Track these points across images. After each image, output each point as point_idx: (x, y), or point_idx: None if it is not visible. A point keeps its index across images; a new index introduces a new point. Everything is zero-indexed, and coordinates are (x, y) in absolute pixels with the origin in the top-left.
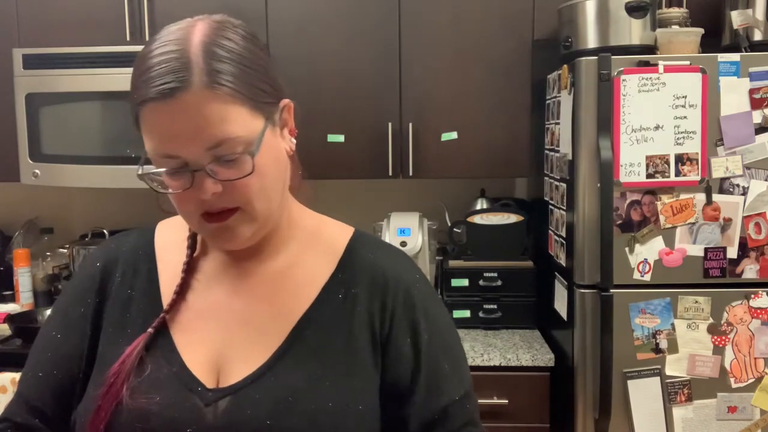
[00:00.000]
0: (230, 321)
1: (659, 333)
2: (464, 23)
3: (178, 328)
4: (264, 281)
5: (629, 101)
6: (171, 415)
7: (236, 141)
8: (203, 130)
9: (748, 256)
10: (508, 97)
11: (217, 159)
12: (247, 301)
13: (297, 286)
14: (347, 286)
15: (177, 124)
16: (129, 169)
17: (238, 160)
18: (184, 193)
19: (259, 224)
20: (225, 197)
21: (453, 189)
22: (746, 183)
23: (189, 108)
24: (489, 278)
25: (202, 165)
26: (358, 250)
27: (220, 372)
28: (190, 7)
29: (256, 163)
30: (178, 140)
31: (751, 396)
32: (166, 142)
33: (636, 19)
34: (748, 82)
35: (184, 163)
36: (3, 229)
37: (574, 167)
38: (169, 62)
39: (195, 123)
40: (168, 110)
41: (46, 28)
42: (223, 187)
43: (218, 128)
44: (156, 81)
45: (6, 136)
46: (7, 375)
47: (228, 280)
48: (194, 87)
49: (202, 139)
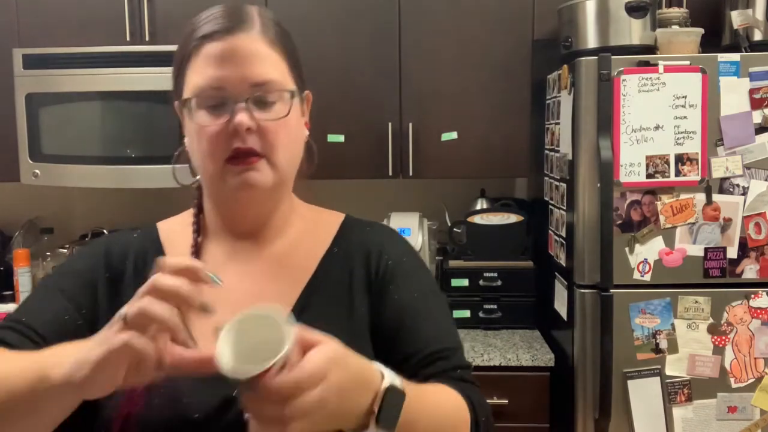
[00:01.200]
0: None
1: (659, 333)
2: (464, 23)
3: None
4: (268, 262)
5: (629, 101)
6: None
7: (277, 86)
8: (252, 68)
9: (748, 256)
10: (508, 97)
11: (257, 99)
12: (255, 282)
13: (298, 263)
14: (343, 258)
15: (230, 58)
16: (129, 169)
17: (274, 105)
18: (218, 131)
19: (279, 177)
20: (255, 138)
21: (453, 189)
22: (746, 183)
23: (243, 46)
24: (489, 278)
25: (243, 99)
26: (350, 227)
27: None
28: (190, 7)
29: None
30: (228, 72)
31: (751, 396)
32: (218, 74)
33: (636, 19)
34: (748, 82)
35: (226, 98)
36: (3, 229)
37: (574, 167)
38: (231, 10)
39: (246, 59)
40: (225, 45)
41: (46, 28)
42: (258, 129)
43: (265, 69)
44: (218, 20)
45: (6, 136)
46: None
47: (235, 264)
48: (250, 31)
49: (249, 75)
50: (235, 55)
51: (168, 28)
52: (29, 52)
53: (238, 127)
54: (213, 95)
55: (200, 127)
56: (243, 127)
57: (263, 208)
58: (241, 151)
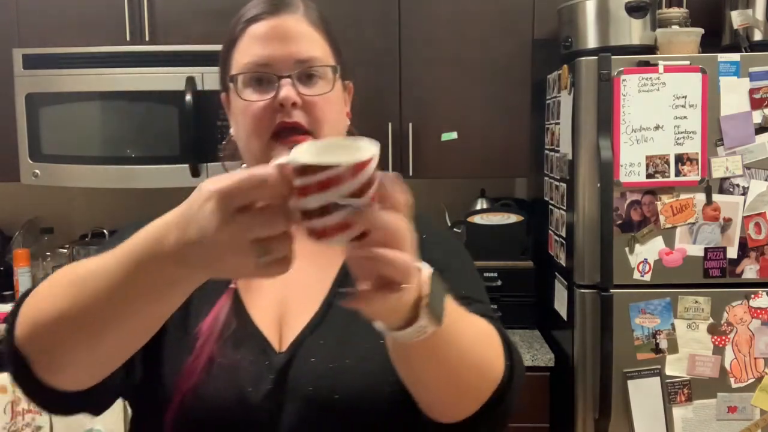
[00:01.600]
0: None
1: (659, 333)
2: (464, 23)
3: (244, 290)
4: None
5: (629, 101)
6: (253, 371)
7: (320, 62)
8: (297, 45)
9: (748, 256)
10: (508, 97)
11: (302, 74)
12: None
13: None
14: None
15: (275, 36)
16: (129, 169)
17: (319, 81)
18: (264, 106)
19: None
20: (301, 113)
21: (453, 189)
22: (746, 183)
23: (288, 25)
24: (489, 278)
25: (288, 74)
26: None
27: (281, 331)
28: (190, 7)
29: (333, 92)
30: (273, 49)
31: (751, 396)
32: (263, 51)
33: (636, 19)
34: (748, 82)
35: (271, 74)
36: (3, 229)
37: (574, 167)
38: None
39: (290, 38)
40: (270, 24)
41: (46, 28)
42: (303, 104)
43: (310, 47)
44: (263, 4)
45: (6, 136)
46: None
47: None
48: (297, 13)
49: (293, 52)
50: (280, 34)
51: (168, 28)
52: (29, 52)
53: (284, 101)
54: (259, 72)
55: (246, 105)
56: (289, 101)
57: None
58: (287, 126)
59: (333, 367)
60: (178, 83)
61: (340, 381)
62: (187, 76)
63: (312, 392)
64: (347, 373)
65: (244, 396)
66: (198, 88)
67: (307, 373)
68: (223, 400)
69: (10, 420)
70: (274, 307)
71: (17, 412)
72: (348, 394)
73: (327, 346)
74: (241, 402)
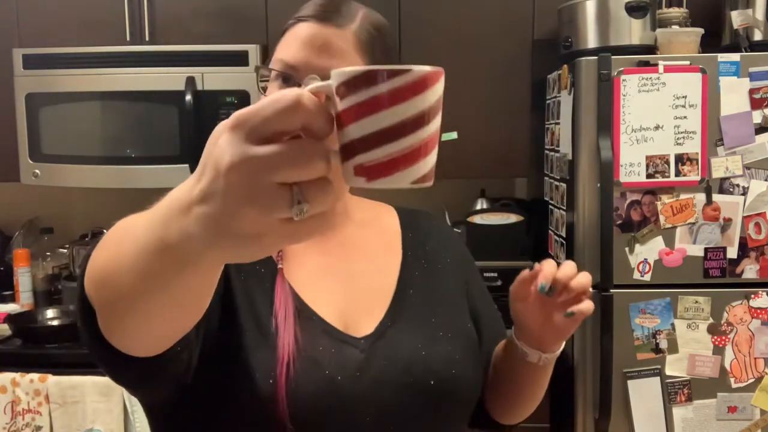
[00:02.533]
0: (342, 278)
1: (659, 333)
2: (464, 23)
3: (300, 287)
4: (346, 244)
5: (629, 101)
6: (338, 360)
7: None
8: (330, 59)
9: (748, 256)
10: (508, 97)
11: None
12: (346, 261)
13: (379, 247)
14: (421, 243)
15: (313, 43)
16: (129, 169)
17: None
18: None
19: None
20: None
21: (453, 189)
22: (746, 183)
23: (332, 38)
24: (489, 278)
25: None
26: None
27: (347, 324)
28: (190, 8)
29: None
30: (307, 56)
31: (751, 396)
32: (298, 53)
33: (636, 19)
34: (748, 82)
35: (297, 78)
36: (3, 229)
37: (574, 167)
38: (338, 1)
39: (328, 51)
40: (315, 30)
41: (46, 28)
42: None
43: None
44: (321, 6)
45: (6, 136)
46: (8, 375)
47: (318, 244)
48: (343, 27)
49: (324, 66)
50: (319, 44)
51: (168, 28)
52: (29, 52)
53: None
54: (286, 71)
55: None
56: None
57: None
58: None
59: (426, 355)
60: (178, 83)
61: (432, 367)
62: (187, 76)
63: (407, 379)
64: (440, 361)
65: (336, 385)
66: (198, 88)
67: (400, 361)
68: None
69: (10, 420)
70: (332, 300)
71: (17, 412)
72: (441, 379)
73: (413, 336)
74: (333, 392)
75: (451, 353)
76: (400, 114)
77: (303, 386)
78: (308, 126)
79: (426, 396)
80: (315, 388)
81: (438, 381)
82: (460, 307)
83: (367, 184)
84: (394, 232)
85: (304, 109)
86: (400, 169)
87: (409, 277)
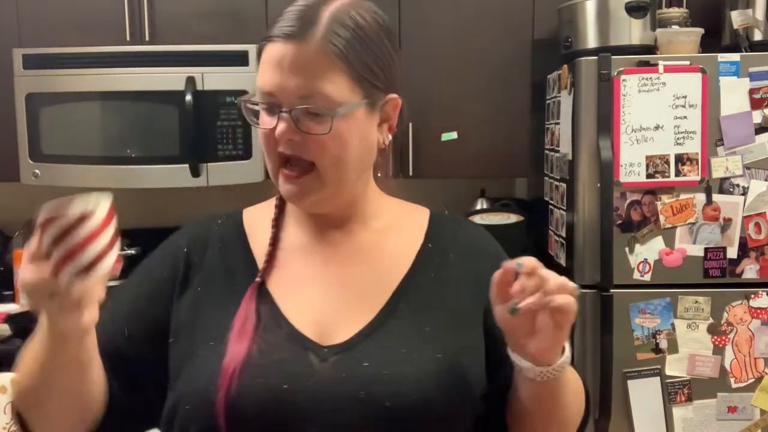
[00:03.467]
0: (329, 286)
1: (659, 333)
2: (464, 23)
3: (280, 295)
4: (355, 251)
5: (629, 101)
6: (292, 369)
7: (326, 99)
8: (302, 78)
9: (748, 256)
10: (508, 97)
11: (305, 110)
12: (343, 268)
13: (390, 255)
14: (440, 254)
15: (284, 65)
16: (129, 169)
17: (323, 118)
18: (268, 133)
19: (328, 192)
20: (302, 148)
21: (453, 189)
22: (746, 183)
23: (299, 55)
24: None
25: (289, 108)
26: (441, 223)
27: (323, 332)
28: (190, 7)
29: (336, 128)
30: (279, 80)
31: (751, 396)
32: (270, 79)
33: (636, 19)
34: (748, 82)
35: (275, 104)
36: (3, 229)
37: (574, 167)
38: (301, 12)
39: (298, 69)
40: (282, 50)
41: (46, 28)
42: (302, 139)
43: (316, 81)
44: (284, 24)
45: (6, 136)
46: (7, 375)
47: (320, 250)
48: (311, 39)
49: (298, 86)
50: (287, 64)
51: (168, 28)
52: (29, 52)
53: (278, 137)
54: (265, 99)
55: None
56: (282, 138)
57: (323, 211)
58: (287, 157)
59: (388, 374)
60: (178, 83)
61: (393, 389)
62: (187, 76)
63: (363, 396)
64: (402, 382)
65: (282, 394)
66: (198, 88)
67: (359, 376)
68: (257, 399)
69: (11, 420)
70: (314, 308)
71: None
72: (398, 403)
73: (383, 353)
74: (278, 401)
75: (422, 377)
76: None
77: (244, 396)
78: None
79: (379, 417)
80: (257, 398)
81: (395, 404)
82: (464, 329)
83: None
84: (413, 240)
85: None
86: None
87: (407, 289)
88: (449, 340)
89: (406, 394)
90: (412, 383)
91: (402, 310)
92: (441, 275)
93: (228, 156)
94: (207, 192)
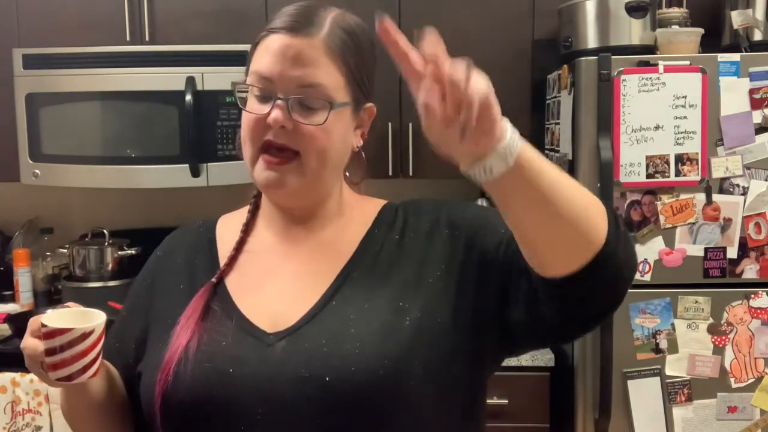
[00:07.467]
0: (283, 281)
1: (659, 333)
2: (464, 23)
3: (237, 293)
4: (312, 248)
5: (629, 101)
6: (236, 353)
7: (324, 92)
8: (304, 68)
9: (748, 256)
10: (508, 97)
11: (300, 100)
12: (298, 263)
13: (340, 247)
14: (384, 234)
15: (286, 54)
16: (129, 169)
17: (316, 111)
18: (258, 119)
19: (306, 182)
20: (290, 136)
21: (453, 189)
22: (746, 183)
23: (303, 47)
24: None
25: (287, 96)
26: (392, 209)
27: (275, 323)
28: (190, 7)
29: (329, 122)
30: (281, 67)
31: (751, 396)
32: (272, 66)
33: (636, 19)
34: (748, 82)
35: (272, 91)
36: (3, 229)
37: (574, 167)
38: (305, 11)
39: (302, 60)
40: (286, 41)
41: (46, 28)
42: (294, 128)
43: (316, 73)
44: (290, 18)
45: (6, 136)
46: (7, 375)
47: (282, 248)
48: (315, 35)
49: (298, 75)
50: (292, 54)
51: (168, 28)
52: (29, 52)
53: (272, 123)
54: (262, 84)
55: (246, 112)
56: (276, 124)
57: (295, 203)
58: (273, 145)
59: (326, 352)
60: (178, 83)
61: (332, 363)
62: (187, 76)
63: (305, 375)
64: (341, 356)
65: (227, 377)
66: (198, 88)
67: (299, 356)
68: (200, 383)
69: (11, 420)
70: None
71: (17, 413)
72: (339, 377)
73: (323, 333)
74: (223, 384)
75: (362, 348)
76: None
77: (186, 381)
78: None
79: (324, 394)
80: (207, 382)
81: (336, 378)
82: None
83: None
84: (361, 229)
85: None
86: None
87: (351, 272)
88: (392, 312)
89: (344, 368)
90: (352, 356)
91: (343, 292)
92: (386, 254)
93: (228, 156)
94: (207, 192)
